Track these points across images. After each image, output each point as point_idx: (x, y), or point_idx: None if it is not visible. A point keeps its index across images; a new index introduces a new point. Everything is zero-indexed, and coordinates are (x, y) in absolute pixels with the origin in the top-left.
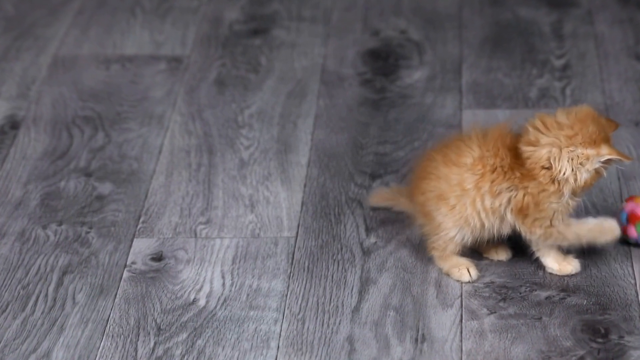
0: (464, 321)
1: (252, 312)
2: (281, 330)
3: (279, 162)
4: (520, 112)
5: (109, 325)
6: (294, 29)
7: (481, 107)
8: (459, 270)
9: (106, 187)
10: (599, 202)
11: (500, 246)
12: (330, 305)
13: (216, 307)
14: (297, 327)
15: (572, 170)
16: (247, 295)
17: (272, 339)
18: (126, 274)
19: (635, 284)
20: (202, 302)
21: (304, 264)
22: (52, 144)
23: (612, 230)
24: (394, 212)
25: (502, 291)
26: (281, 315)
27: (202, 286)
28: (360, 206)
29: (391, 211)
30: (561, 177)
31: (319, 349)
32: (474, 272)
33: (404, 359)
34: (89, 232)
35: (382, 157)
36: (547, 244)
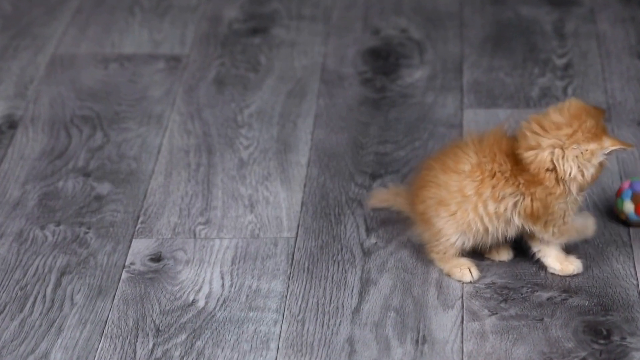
0: (465, 322)
1: (251, 313)
2: (281, 331)
3: (279, 162)
4: (521, 112)
5: (107, 326)
6: (293, 28)
7: (482, 107)
8: (460, 270)
9: (105, 187)
10: (600, 201)
11: (501, 246)
12: (330, 306)
13: (215, 308)
14: (297, 328)
15: (579, 168)
16: (247, 296)
17: (272, 340)
18: (125, 275)
19: (637, 285)
20: (201, 303)
21: (304, 264)
22: (50, 143)
23: (592, 226)
24: (395, 212)
25: (504, 292)
26: (281, 316)
27: (201, 287)
28: (360, 206)
29: (391, 211)
30: (567, 177)
31: (319, 350)
32: (476, 272)
33: None
34: (87, 233)
35: (382, 156)
36: (560, 241)
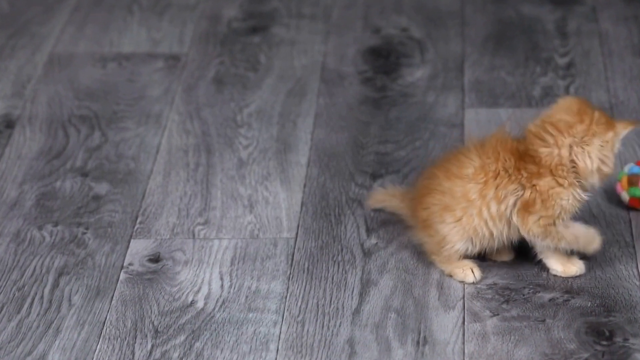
0: (466, 323)
1: (251, 314)
2: (280, 332)
3: (279, 162)
4: (523, 111)
5: (105, 327)
6: (293, 27)
7: (484, 106)
8: (462, 271)
9: (103, 187)
10: (604, 205)
11: (503, 247)
12: (330, 307)
13: (214, 309)
14: (296, 329)
15: (600, 160)
16: (246, 297)
17: (272, 341)
18: (123, 276)
19: None
20: (200, 304)
21: (304, 265)
22: (47, 143)
23: (597, 240)
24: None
25: (505, 293)
26: (280, 317)
27: (200, 288)
28: (361, 206)
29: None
30: (589, 171)
31: (319, 351)
32: (478, 273)
33: None
34: (85, 233)
35: (383, 156)
36: (544, 245)
